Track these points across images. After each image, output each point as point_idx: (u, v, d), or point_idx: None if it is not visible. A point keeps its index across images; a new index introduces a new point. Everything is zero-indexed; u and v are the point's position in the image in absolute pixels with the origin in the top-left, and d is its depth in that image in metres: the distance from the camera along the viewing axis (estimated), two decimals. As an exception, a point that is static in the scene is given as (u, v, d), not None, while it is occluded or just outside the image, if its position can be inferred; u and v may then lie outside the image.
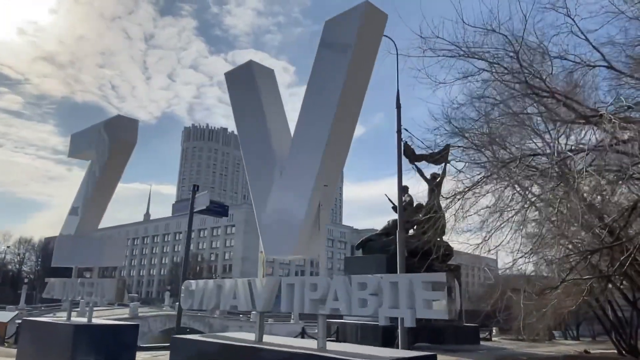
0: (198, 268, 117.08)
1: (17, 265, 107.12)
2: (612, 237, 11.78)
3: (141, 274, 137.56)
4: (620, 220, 11.51)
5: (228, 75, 5.89)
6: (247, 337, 5.16)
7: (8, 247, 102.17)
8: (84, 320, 7.34)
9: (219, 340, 4.89)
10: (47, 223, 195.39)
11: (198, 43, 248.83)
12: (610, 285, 15.50)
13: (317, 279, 4.37)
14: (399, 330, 14.14)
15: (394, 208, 22.60)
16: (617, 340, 23.24)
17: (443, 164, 22.86)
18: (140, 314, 42.04)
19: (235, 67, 5.94)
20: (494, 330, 28.17)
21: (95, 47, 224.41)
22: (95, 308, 7.49)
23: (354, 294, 4.00)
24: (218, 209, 9.98)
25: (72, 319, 7.47)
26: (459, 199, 12.65)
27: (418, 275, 3.67)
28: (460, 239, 15.39)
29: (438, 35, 11.98)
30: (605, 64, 11.68)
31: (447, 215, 16.71)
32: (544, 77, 10.28)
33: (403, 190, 23.09)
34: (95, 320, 7.23)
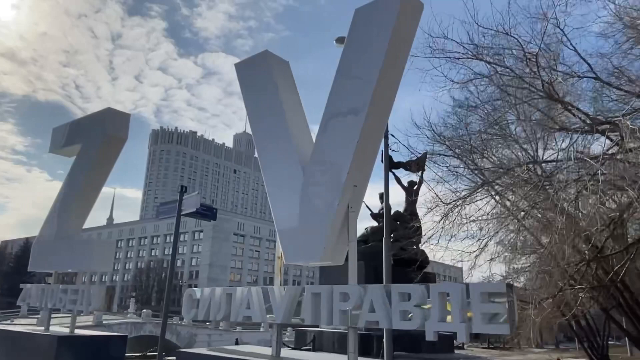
0: (164, 274, 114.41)
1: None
2: (594, 249, 11.86)
3: (103, 279, 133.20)
4: (603, 232, 11.59)
5: (239, 66, 5.45)
6: (261, 351, 4.73)
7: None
8: (64, 330, 6.70)
9: (235, 355, 4.43)
10: (4, 225, 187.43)
11: (167, 45, 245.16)
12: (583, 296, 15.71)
13: (348, 288, 3.98)
14: (385, 340, 13.90)
15: (373, 215, 22.46)
16: (589, 349, 23.68)
17: (420, 172, 22.96)
18: (104, 322, 40.52)
19: (248, 57, 5.49)
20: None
21: (59, 45, 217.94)
22: (54, 315, 6.91)
23: (394, 306, 3.63)
24: (207, 212, 9.46)
25: (51, 328, 6.82)
26: (458, 205, 12.46)
27: (475, 284, 3.34)
28: (455, 246, 15.26)
29: (447, 36, 11.82)
30: (593, 75, 11.83)
31: (435, 224, 16.59)
32: (552, 83, 10.28)
33: (381, 197, 23.01)
34: (76, 331, 6.61)
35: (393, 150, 19.07)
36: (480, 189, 15.32)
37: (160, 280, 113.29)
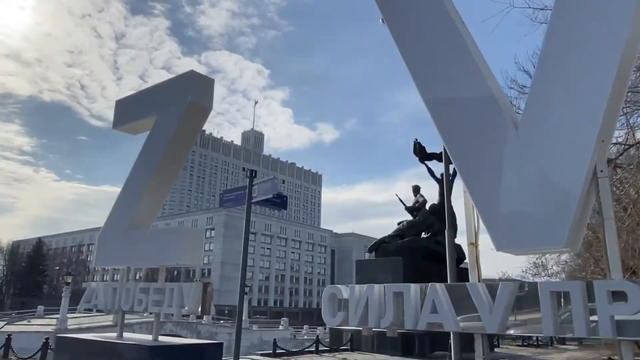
0: (176, 272, 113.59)
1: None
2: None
3: (115, 279, 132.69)
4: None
5: None
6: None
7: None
8: (146, 338, 5.58)
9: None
10: (13, 226, 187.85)
11: (171, 43, 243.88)
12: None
13: (625, 285, 2.78)
14: (451, 341, 12.75)
15: (409, 209, 21.29)
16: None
17: (455, 164, 21.75)
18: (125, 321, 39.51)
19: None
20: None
21: (64, 45, 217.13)
22: (72, 316, 5.78)
23: None
24: (278, 200, 8.31)
25: (105, 334, 5.71)
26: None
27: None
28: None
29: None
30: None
31: None
32: None
33: (415, 190, 21.82)
34: (160, 339, 5.48)
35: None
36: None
37: (173, 279, 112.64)
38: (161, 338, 5.47)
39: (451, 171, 21.67)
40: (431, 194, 20.71)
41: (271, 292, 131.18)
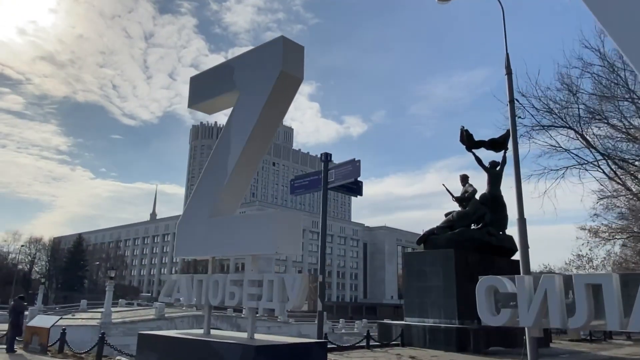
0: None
1: (28, 265, 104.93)
2: None
3: (152, 273, 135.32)
4: None
5: None
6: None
7: (22, 245, 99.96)
8: (240, 336, 4.98)
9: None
10: (52, 223, 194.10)
11: (198, 41, 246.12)
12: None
13: None
14: (526, 338, 11.90)
15: (458, 199, 20.36)
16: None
17: (503, 151, 20.61)
18: (166, 315, 39.73)
19: None
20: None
21: (96, 46, 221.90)
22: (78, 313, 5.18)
23: None
24: (353, 186, 7.66)
25: (189, 332, 5.12)
26: None
27: None
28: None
29: None
30: None
31: None
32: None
33: (464, 179, 20.78)
34: (256, 336, 4.87)
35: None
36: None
37: (196, 272, 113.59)
38: (259, 337, 4.87)
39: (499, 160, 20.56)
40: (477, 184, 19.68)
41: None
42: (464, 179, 20.42)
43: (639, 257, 30.00)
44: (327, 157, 7.62)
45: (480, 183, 20.14)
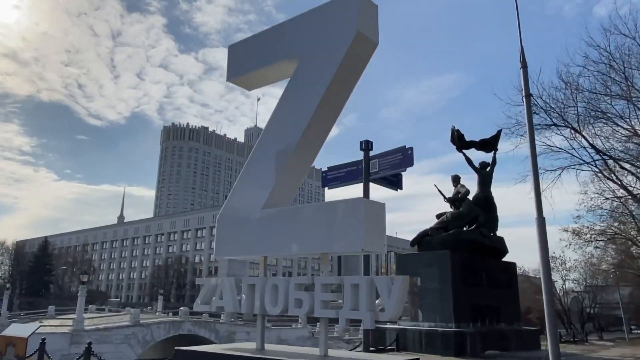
0: (183, 270, 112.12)
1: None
2: None
3: (120, 277, 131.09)
4: None
5: None
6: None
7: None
8: (312, 352, 4.06)
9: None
10: (15, 226, 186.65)
11: (167, 41, 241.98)
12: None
13: None
14: (548, 342, 11.35)
15: (450, 200, 19.83)
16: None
17: (493, 152, 20.26)
18: (141, 321, 37.98)
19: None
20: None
21: (60, 44, 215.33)
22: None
23: None
24: (394, 179, 6.82)
25: (236, 346, 4.16)
26: None
27: None
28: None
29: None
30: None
31: None
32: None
33: (455, 180, 20.28)
34: (331, 353, 3.94)
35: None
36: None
37: (180, 277, 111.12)
38: (334, 353, 3.96)
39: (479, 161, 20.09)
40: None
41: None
42: (456, 180, 19.92)
43: (624, 255, 30.21)
44: (367, 145, 6.73)
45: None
